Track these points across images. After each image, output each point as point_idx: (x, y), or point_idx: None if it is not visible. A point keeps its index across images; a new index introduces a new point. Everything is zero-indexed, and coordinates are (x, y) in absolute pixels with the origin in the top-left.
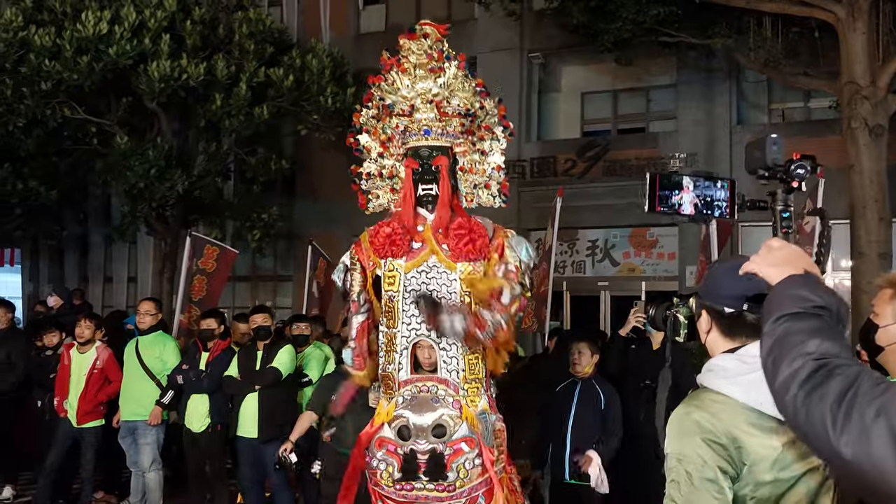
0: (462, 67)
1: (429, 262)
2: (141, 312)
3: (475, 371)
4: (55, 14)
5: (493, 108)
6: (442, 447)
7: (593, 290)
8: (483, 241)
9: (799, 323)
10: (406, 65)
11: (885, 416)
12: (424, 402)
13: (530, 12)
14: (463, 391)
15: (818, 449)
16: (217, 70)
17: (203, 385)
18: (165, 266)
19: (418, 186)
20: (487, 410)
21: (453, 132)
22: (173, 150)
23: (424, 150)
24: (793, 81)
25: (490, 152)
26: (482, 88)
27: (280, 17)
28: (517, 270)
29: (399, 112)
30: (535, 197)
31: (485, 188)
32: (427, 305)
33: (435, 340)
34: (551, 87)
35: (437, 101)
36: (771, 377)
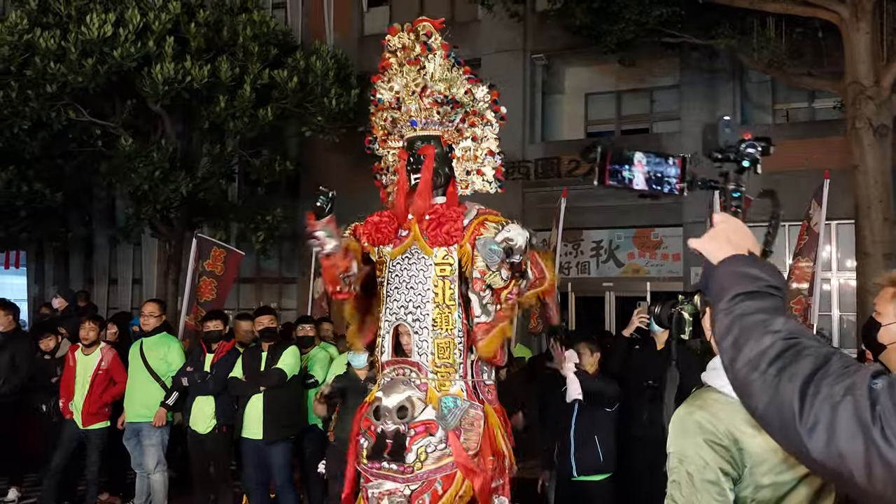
0: (446, 57)
1: (411, 249)
2: (145, 314)
3: (445, 355)
4: (60, 17)
5: (486, 95)
6: (404, 428)
7: (598, 290)
8: (452, 225)
9: (758, 301)
10: (392, 60)
11: (852, 395)
12: (395, 384)
13: (533, 14)
14: (432, 375)
15: (781, 430)
16: (221, 72)
17: (208, 386)
18: (170, 268)
19: (410, 176)
20: (460, 396)
21: (437, 120)
22: (177, 153)
23: (416, 141)
24: (797, 82)
25: (483, 138)
26: (471, 75)
27: (284, 20)
28: (481, 276)
29: (387, 106)
30: (539, 198)
31: (477, 174)
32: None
33: (410, 324)
34: (555, 88)
35: (419, 91)
36: (732, 355)
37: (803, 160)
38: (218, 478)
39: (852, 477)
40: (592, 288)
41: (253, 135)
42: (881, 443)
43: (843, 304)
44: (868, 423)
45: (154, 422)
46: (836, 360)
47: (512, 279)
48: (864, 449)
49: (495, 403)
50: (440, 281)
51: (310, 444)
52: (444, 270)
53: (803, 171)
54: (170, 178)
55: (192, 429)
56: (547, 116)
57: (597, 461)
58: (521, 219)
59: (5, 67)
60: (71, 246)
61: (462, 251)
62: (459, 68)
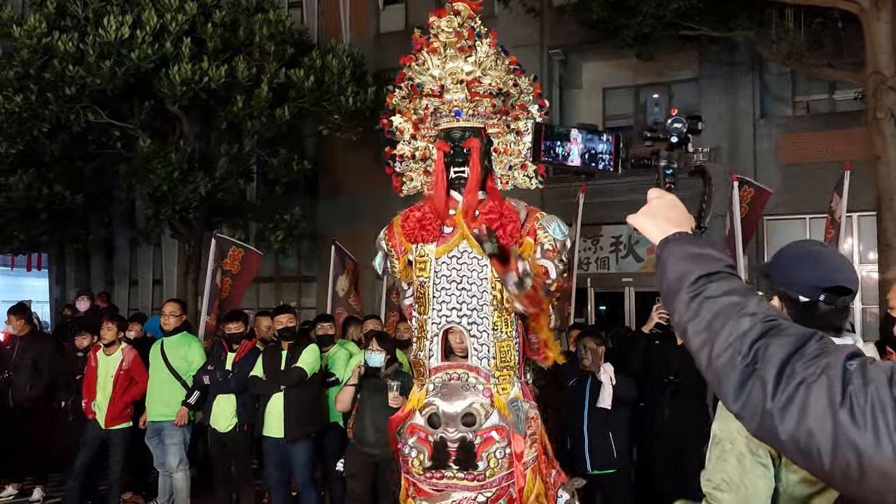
0: (494, 45)
1: (459, 248)
2: (166, 314)
3: (506, 358)
4: (78, 20)
5: (529, 87)
6: (472, 436)
7: (617, 286)
8: (514, 225)
9: (723, 283)
10: (436, 44)
11: (826, 375)
12: (455, 390)
13: (550, 8)
14: (494, 379)
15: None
16: (238, 72)
17: (230, 385)
18: (190, 268)
19: (450, 169)
20: (520, 398)
21: (485, 112)
22: (196, 153)
23: (456, 132)
24: (817, 73)
25: (525, 132)
26: (516, 66)
27: (300, 19)
28: (553, 249)
29: (429, 93)
30: (558, 194)
31: (521, 168)
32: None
33: (465, 327)
34: (572, 83)
35: (468, 80)
36: (705, 338)
37: (824, 152)
38: (240, 476)
39: (820, 456)
40: (612, 283)
41: (270, 134)
42: (849, 424)
43: (865, 297)
44: (838, 403)
45: (176, 421)
46: (813, 341)
47: (564, 274)
48: (833, 428)
49: (534, 401)
50: (498, 283)
51: (331, 442)
52: None
53: (824, 163)
54: (188, 178)
55: (212, 427)
56: (565, 111)
57: (611, 457)
58: None
59: (24, 71)
60: (92, 248)
61: (520, 250)
62: (506, 57)
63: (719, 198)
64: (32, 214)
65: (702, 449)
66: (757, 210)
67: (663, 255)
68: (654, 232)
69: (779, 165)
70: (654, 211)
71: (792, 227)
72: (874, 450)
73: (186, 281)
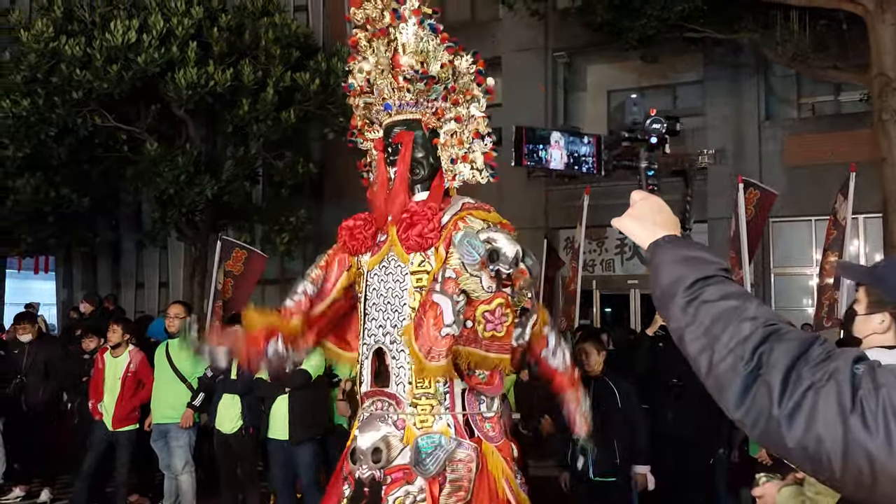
0: (420, 24)
1: (388, 257)
2: (171, 316)
3: (425, 384)
4: (85, 24)
5: (470, 66)
6: (380, 474)
7: (623, 288)
8: (426, 225)
9: (719, 287)
10: (359, 36)
11: (834, 380)
12: (372, 421)
13: (554, 11)
14: (410, 408)
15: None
16: (244, 76)
17: (236, 386)
18: (196, 270)
19: (389, 169)
20: (447, 434)
21: (411, 101)
22: (202, 156)
23: (394, 128)
24: (822, 75)
25: (469, 118)
26: (450, 44)
27: (306, 22)
28: (456, 276)
29: (358, 90)
30: (562, 196)
31: (464, 161)
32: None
33: (387, 346)
34: (577, 85)
35: (390, 69)
36: (704, 343)
37: (829, 154)
38: (245, 478)
39: (830, 463)
40: (617, 285)
41: (276, 137)
42: (860, 430)
43: None
44: (848, 408)
45: (181, 423)
46: (817, 345)
47: (497, 294)
48: (843, 434)
49: (499, 440)
50: (417, 293)
51: (336, 444)
52: (420, 280)
53: (830, 164)
54: (194, 181)
55: (218, 430)
56: (569, 114)
57: (613, 463)
58: (544, 217)
59: (32, 75)
60: (98, 250)
61: (438, 255)
62: (436, 37)
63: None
64: (40, 217)
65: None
66: (763, 212)
67: (655, 259)
68: (643, 235)
69: (784, 167)
70: (640, 214)
71: (797, 229)
72: (886, 455)
73: (192, 283)
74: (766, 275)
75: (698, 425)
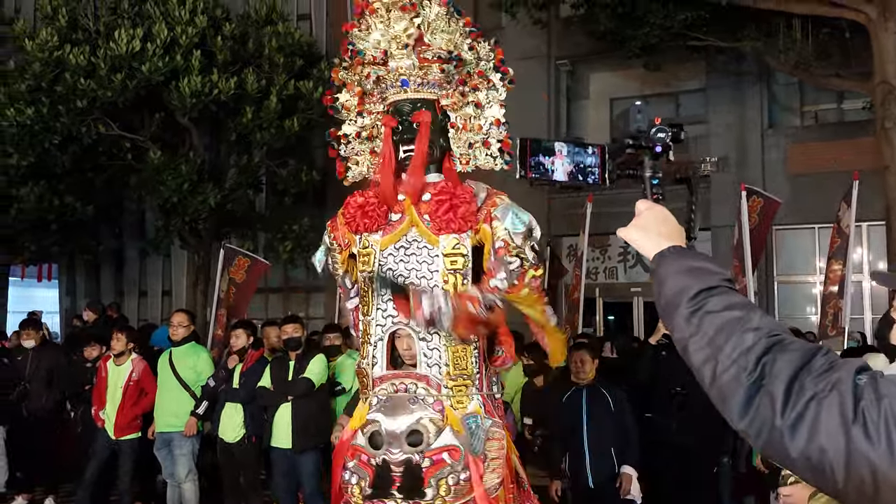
0: (445, 4)
1: (408, 237)
2: (174, 324)
3: (461, 365)
4: (89, 33)
5: (489, 53)
6: (419, 458)
7: (626, 296)
8: (467, 207)
9: (722, 297)
10: (377, 5)
11: (837, 391)
12: (400, 404)
13: (557, 20)
14: (447, 390)
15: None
16: (247, 84)
17: (239, 395)
18: (199, 279)
19: (399, 148)
20: (480, 414)
21: (436, 81)
22: (205, 164)
23: (405, 105)
24: (824, 83)
25: (487, 105)
26: (472, 28)
27: (309, 31)
28: (506, 245)
29: (370, 60)
30: (565, 204)
31: (483, 146)
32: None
33: (414, 329)
34: (580, 93)
35: (414, 44)
36: (708, 353)
37: (832, 162)
38: (248, 487)
39: (833, 473)
40: (620, 293)
41: (279, 145)
42: (863, 440)
43: (875, 307)
44: (850, 419)
45: (185, 431)
46: (820, 355)
47: (539, 265)
48: (846, 445)
49: (504, 421)
50: (451, 276)
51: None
52: (455, 263)
53: (833, 172)
54: (198, 189)
55: (221, 438)
56: (572, 122)
57: (612, 469)
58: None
59: (36, 84)
60: (101, 259)
61: (478, 237)
62: (459, 19)
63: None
64: (43, 225)
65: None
66: (766, 220)
67: (660, 270)
68: (648, 246)
69: (787, 175)
70: (645, 224)
71: (801, 238)
72: (889, 465)
73: (196, 292)
74: (769, 283)
75: (702, 434)
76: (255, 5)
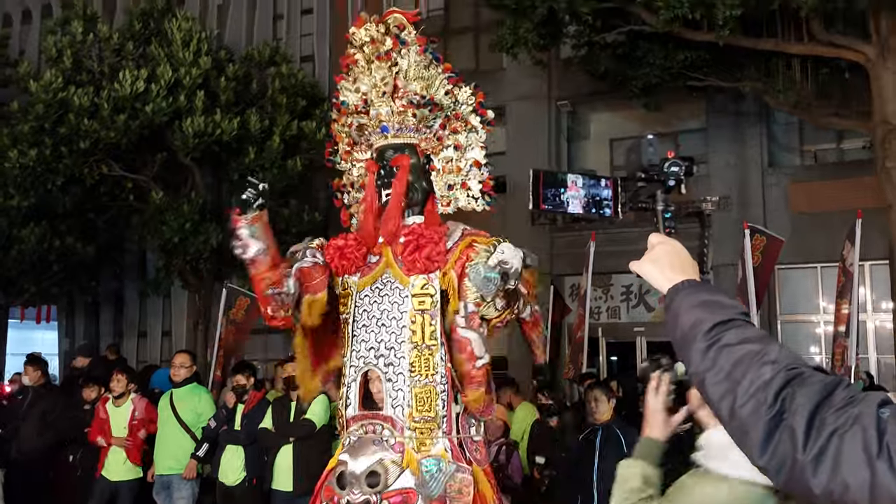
0: (423, 52)
1: (383, 278)
2: (175, 365)
3: (425, 407)
4: (93, 74)
5: (470, 97)
6: (376, 499)
7: (629, 335)
8: (433, 248)
9: (739, 331)
10: (357, 56)
11: (860, 425)
12: (364, 445)
13: (558, 61)
14: (409, 431)
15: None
16: (250, 124)
17: (239, 437)
18: (199, 319)
19: (381, 192)
20: (445, 458)
21: (412, 126)
22: (207, 204)
23: (387, 150)
24: (824, 122)
25: (468, 147)
26: (452, 74)
27: (312, 72)
28: (476, 313)
29: (353, 109)
30: (567, 243)
31: (462, 188)
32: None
33: (381, 369)
34: (580, 133)
35: (391, 92)
36: (726, 388)
37: (834, 201)
38: None
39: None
40: (623, 333)
41: (282, 185)
42: (887, 474)
43: (880, 347)
44: (874, 453)
45: (184, 474)
46: (840, 389)
47: (507, 309)
48: (870, 479)
49: (485, 464)
50: (418, 316)
51: None
52: (423, 303)
53: (834, 212)
54: (199, 229)
55: (220, 482)
56: (573, 161)
57: None
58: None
59: (39, 125)
60: (101, 300)
61: (446, 279)
62: (438, 65)
63: (730, 246)
64: (44, 266)
65: None
66: (770, 259)
67: (674, 304)
68: (661, 280)
69: (789, 214)
70: (658, 258)
71: (804, 276)
72: None
73: (196, 332)
74: (773, 322)
75: None
76: (259, 47)
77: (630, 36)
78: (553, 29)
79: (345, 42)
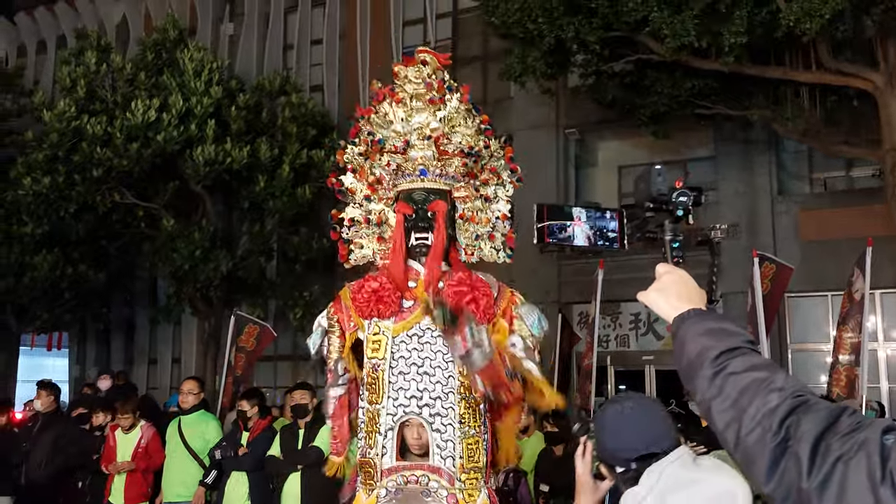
0: (466, 100)
1: (421, 325)
2: (184, 392)
3: (474, 458)
4: (107, 104)
5: (499, 150)
6: None
7: (638, 364)
8: (488, 300)
9: (745, 358)
10: (402, 94)
11: (864, 451)
12: (413, 496)
13: (566, 89)
14: (459, 483)
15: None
16: (260, 153)
17: (244, 464)
18: (209, 346)
19: (411, 235)
20: None
21: (454, 174)
22: (218, 232)
23: (419, 194)
24: (833, 150)
25: (494, 199)
26: (487, 126)
27: (322, 101)
28: (533, 347)
29: (391, 149)
30: (576, 270)
31: (489, 239)
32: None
33: (427, 419)
34: (588, 161)
35: (436, 136)
36: (732, 415)
37: (843, 229)
38: None
39: None
40: (632, 361)
41: (291, 213)
42: (891, 501)
43: (891, 376)
44: (878, 480)
45: (193, 501)
46: (845, 416)
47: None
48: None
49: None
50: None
51: None
52: None
53: (844, 240)
54: (210, 257)
55: None
56: (581, 190)
57: None
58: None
59: (53, 153)
60: (112, 326)
61: (496, 329)
62: (477, 116)
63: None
64: (56, 294)
65: None
66: (779, 287)
67: (681, 332)
68: (667, 309)
69: (799, 242)
70: (665, 287)
71: (814, 305)
72: None
73: (206, 359)
74: (783, 350)
75: None
76: (269, 76)
77: (637, 65)
78: (561, 58)
79: (354, 72)
